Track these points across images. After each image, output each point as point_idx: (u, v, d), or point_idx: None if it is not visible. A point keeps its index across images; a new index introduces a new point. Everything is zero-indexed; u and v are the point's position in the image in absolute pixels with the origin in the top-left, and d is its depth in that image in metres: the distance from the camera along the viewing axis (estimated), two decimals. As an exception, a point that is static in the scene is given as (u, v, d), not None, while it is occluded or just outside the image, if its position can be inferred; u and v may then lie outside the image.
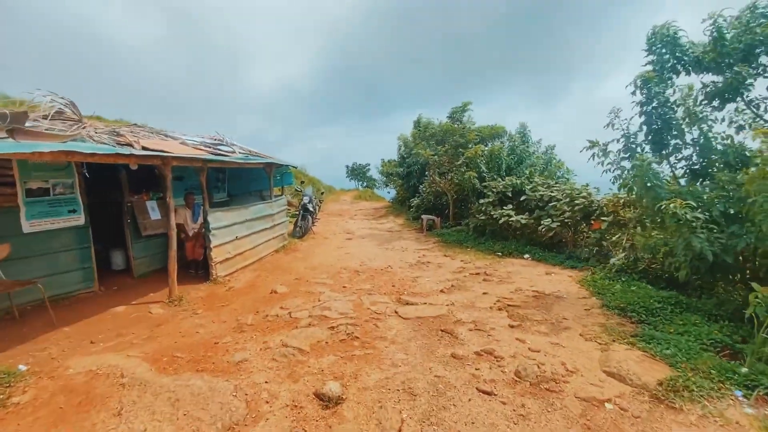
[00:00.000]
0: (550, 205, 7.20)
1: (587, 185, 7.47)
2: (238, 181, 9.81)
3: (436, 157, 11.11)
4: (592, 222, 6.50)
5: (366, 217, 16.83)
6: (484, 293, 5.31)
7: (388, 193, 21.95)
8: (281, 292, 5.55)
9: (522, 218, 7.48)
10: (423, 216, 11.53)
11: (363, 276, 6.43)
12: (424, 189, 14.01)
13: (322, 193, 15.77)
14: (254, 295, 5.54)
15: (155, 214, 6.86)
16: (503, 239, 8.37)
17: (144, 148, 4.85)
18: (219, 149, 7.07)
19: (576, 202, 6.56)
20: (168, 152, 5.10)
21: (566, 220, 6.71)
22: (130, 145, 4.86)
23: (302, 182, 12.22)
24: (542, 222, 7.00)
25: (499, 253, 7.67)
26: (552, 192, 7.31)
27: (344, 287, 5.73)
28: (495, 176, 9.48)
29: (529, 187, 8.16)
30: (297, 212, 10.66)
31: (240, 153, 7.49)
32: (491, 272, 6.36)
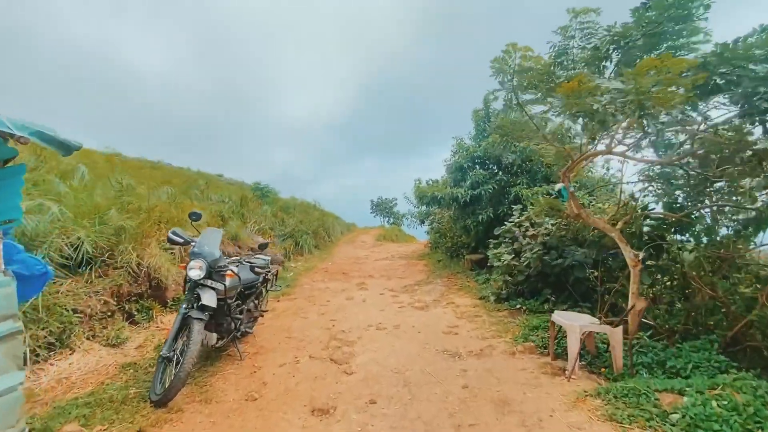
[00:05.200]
0: None
1: None
2: None
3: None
4: None
5: (390, 278, 9.05)
6: None
7: (425, 232, 14.19)
8: None
9: None
10: (573, 326, 3.61)
11: None
12: (523, 232, 6.18)
13: (267, 245, 5.10)
14: None
15: None
16: None
17: None
18: None
19: None
20: None
21: None
22: None
23: (193, 216, 4.17)
24: None
25: None
26: None
27: None
28: None
29: None
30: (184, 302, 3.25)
31: None
32: None
